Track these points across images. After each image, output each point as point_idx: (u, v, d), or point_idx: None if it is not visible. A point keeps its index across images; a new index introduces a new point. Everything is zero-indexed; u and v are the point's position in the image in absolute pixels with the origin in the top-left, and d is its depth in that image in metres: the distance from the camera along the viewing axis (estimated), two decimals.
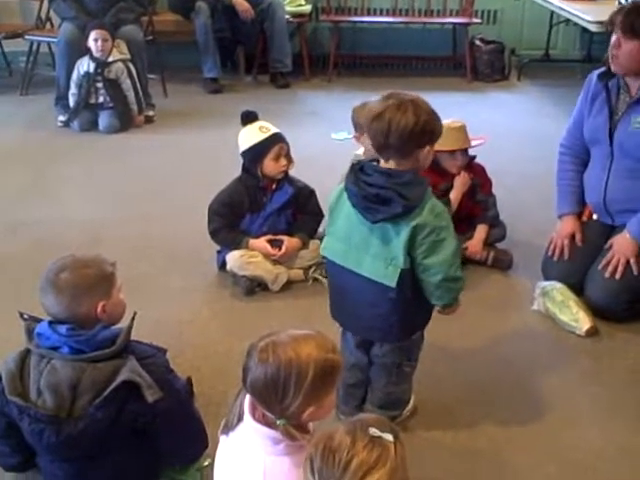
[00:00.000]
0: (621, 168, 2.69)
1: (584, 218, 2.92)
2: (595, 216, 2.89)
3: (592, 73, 2.80)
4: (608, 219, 2.83)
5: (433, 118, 1.91)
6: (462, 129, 3.01)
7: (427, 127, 1.88)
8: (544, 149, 3.11)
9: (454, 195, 3.01)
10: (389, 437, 1.25)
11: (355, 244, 1.97)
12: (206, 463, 1.96)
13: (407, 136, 1.85)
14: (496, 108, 5.23)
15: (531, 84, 5.92)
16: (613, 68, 2.60)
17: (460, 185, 3.03)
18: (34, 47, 5.44)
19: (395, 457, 1.23)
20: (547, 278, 2.87)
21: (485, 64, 5.98)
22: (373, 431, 1.24)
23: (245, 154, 2.95)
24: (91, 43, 4.63)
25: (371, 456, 1.21)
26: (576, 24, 5.30)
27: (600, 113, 2.72)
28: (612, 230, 2.83)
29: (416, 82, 5.75)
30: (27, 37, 5.42)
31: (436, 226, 1.87)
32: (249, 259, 2.89)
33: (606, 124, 2.70)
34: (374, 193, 1.88)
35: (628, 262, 2.65)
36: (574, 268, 2.82)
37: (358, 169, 1.95)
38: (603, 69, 2.69)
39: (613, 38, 2.55)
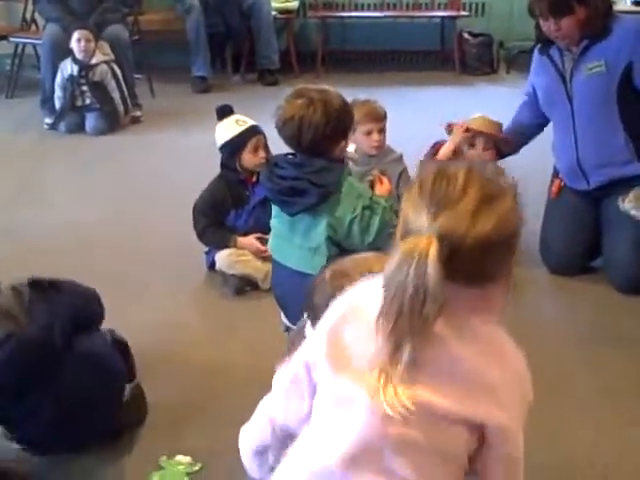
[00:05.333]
0: (585, 121, 2.78)
1: (553, 193, 3.01)
2: (564, 183, 2.97)
3: (534, 53, 2.96)
4: (583, 182, 2.88)
5: (344, 112, 1.91)
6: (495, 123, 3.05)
7: (338, 125, 1.87)
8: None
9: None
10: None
11: (283, 237, 1.99)
12: (196, 468, 1.94)
13: (320, 137, 1.85)
14: (485, 101, 5.17)
15: (520, 76, 5.86)
16: (564, 46, 2.75)
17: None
18: (19, 49, 5.40)
19: (514, 197, 1.10)
20: (546, 263, 2.97)
21: (474, 57, 5.96)
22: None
23: (223, 148, 2.95)
24: (74, 44, 4.59)
25: (490, 187, 1.08)
26: None
27: (551, 77, 2.83)
28: (594, 201, 2.89)
29: (405, 76, 5.73)
30: (12, 39, 5.38)
31: (357, 213, 1.88)
32: (238, 257, 2.86)
33: (559, 85, 2.81)
34: (288, 186, 1.91)
35: None
36: (573, 251, 2.93)
37: (273, 164, 1.96)
38: (539, 45, 2.87)
39: (548, 24, 2.66)
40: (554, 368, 2.39)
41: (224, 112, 2.95)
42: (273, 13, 5.65)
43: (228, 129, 2.92)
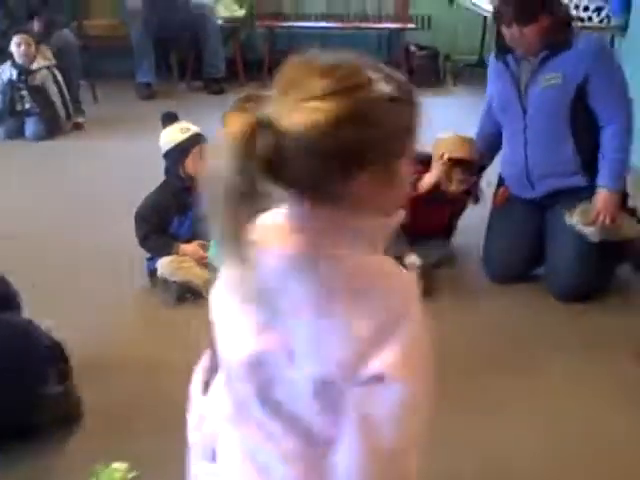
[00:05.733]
0: (537, 131, 2.82)
1: (498, 202, 3.05)
2: (509, 192, 3.01)
3: (490, 59, 3.00)
4: (530, 191, 2.92)
5: None
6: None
7: None
8: None
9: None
10: None
11: None
12: (133, 475, 1.88)
13: None
14: (432, 112, 5.19)
15: (466, 89, 5.95)
16: (524, 55, 2.77)
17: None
18: None
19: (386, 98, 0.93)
20: (488, 271, 3.01)
21: (420, 70, 6.00)
22: None
23: (167, 155, 2.92)
24: (14, 48, 4.49)
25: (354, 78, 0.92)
26: None
27: (506, 85, 2.86)
28: (539, 210, 2.92)
29: None
30: None
31: None
32: (179, 264, 2.82)
33: (514, 93, 2.83)
34: None
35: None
36: (515, 260, 2.96)
37: None
38: (495, 50, 2.91)
39: (512, 32, 2.68)
40: (489, 368, 2.43)
41: (169, 119, 2.94)
42: (220, 21, 5.61)
43: (172, 136, 2.90)
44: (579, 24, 4.13)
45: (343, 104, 0.88)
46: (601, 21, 4.34)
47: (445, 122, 3.20)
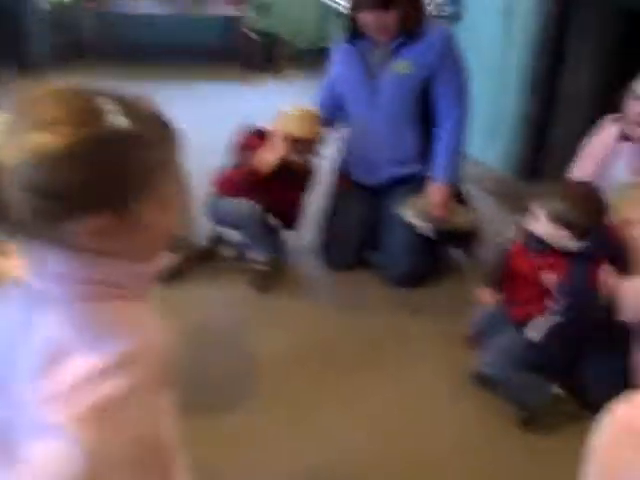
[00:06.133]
0: (386, 117, 2.78)
1: (338, 187, 2.97)
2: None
3: (337, 42, 2.90)
4: (372, 176, 2.89)
5: None
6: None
7: None
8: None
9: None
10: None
11: None
12: None
13: None
14: (269, 97, 5.12)
15: (304, 74, 5.89)
16: (379, 40, 2.72)
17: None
18: None
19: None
20: (326, 258, 2.95)
21: (258, 55, 5.88)
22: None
23: None
24: None
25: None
26: (344, 14, 5.31)
27: (356, 70, 2.80)
28: (378, 197, 2.88)
29: (189, 71, 5.54)
30: None
31: None
32: None
33: (366, 79, 2.78)
34: None
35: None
36: (353, 245, 2.93)
37: None
38: (345, 35, 2.82)
39: (371, 17, 2.63)
40: (325, 355, 2.36)
41: None
42: (46, 5, 5.22)
43: None
44: None
45: (68, 138, 0.77)
46: (435, 9, 4.38)
47: (283, 105, 3.09)
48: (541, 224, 2.04)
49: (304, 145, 2.72)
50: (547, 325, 2.04)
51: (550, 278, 2.01)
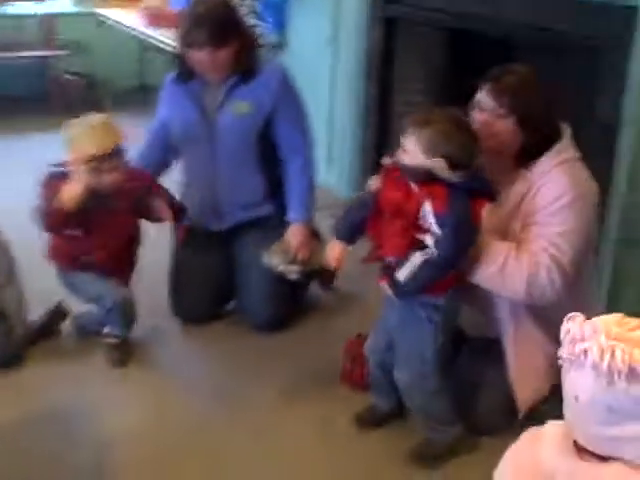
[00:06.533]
0: (227, 160, 2.66)
1: (180, 238, 2.79)
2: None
3: (166, 82, 2.75)
4: (216, 222, 2.75)
5: None
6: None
7: None
8: None
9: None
10: None
11: None
12: None
13: None
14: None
15: (128, 115, 5.63)
16: (213, 79, 2.60)
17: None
18: None
19: None
20: (179, 312, 2.78)
21: (76, 98, 5.57)
22: None
23: None
24: None
25: None
26: (166, 50, 5.13)
27: (190, 111, 2.65)
28: (225, 243, 2.75)
29: (2, 125, 5.15)
30: None
31: None
32: None
33: (201, 121, 2.64)
34: None
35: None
36: (206, 297, 2.76)
37: None
38: (175, 74, 2.69)
39: (201, 55, 2.50)
40: (190, 426, 2.21)
41: None
42: None
43: None
44: None
45: None
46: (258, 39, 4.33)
47: None
48: (414, 156, 1.88)
49: (110, 160, 2.34)
50: (419, 260, 1.89)
51: (428, 207, 1.86)
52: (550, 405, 2.05)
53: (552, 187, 1.95)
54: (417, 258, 1.89)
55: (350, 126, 3.72)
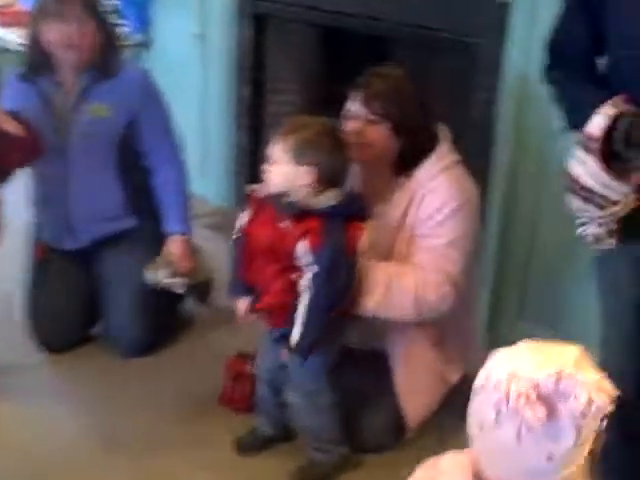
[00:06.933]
0: (82, 170, 2.41)
1: (37, 257, 2.52)
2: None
3: (9, 80, 2.45)
4: (72, 240, 2.48)
5: None
6: None
7: None
8: None
9: None
10: None
11: None
12: None
13: None
14: None
15: None
16: (69, 59, 2.33)
17: None
18: None
19: None
20: (39, 339, 2.48)
21: None
22: None
23: None
24: None
25: None
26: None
27: (38, 113, 2.35)
28: (86, 261, 2.50)
29: None
30: None
31: None
32: None
33: (51, 123, 2.37)
34: None
35: None
36: (68, 321, 2.49)
37: None
38: (22, 69, 2.41)
39: (62, 28, 2.27)
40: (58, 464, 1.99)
41: None
42: None
43: None
44: None
45: None
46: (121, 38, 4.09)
47: None
48: (281, 167, 1.77)
49: None
50: (303, 311, 1.76)
51: (303, 245, 1.74)
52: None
53: (435, 196, 1.87)
54: (301, 310, 1.76)
55: (222, 130, 3.55)
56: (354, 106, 1.90)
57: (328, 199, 1.77)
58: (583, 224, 1.52)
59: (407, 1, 2.62)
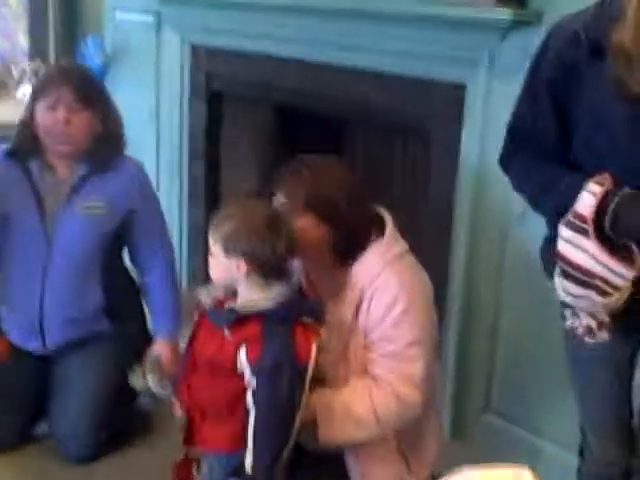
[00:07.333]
0: (63, 267, 2.25)
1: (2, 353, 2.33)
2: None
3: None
4: (38, 342, 2.30)
5: None
6: None
7: None
8: None
9: None
10: None
11: None
12: None
13: None
14: None
15: None
16: (58, 149, 2.21)
17: None
18: None
19: None
20: None
21: None
22: None
23: None
24: None
25: None
26: None
27: (24, 200, 2.22)
28: (43, 363, 2.32)
29: None
30: None
31: None
32: None
33: (35, 214, 2.21)
34: None
35: None
36: (14, 420, 2.31)
37: None
38: (11, 146, 2.26)
39: (54, 115, 2.17)
40: None
41: None
42: None
43: None
44: None
45: None
46: None
47: None
48: (217, 260, 1.66)
49: None
50: (250, 434, 1.61)
51: (242, 356, 1.61)
52: None
53: (384, 294, 1.76)
54: (249, 433, 1.61)
55: (179, 211, 3.45)
56: (279, 196, 1.80)
57: (269, 298, 1.64)
58: (573, 315, 1.44)
59: (362, 81, 2.56)
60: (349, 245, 1.81)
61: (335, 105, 2.71)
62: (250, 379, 1.61)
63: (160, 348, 2.31)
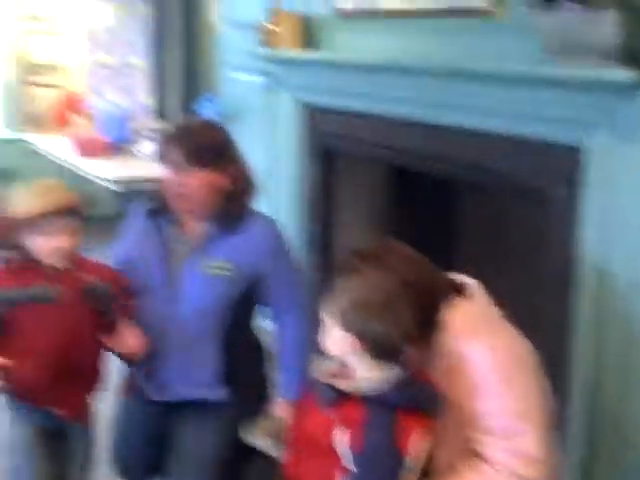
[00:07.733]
0: (185, 327, 2.17)
1: (124, 393, 2.35)
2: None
3: (138, 207, 2.31)
4: (160, 393, 2.26)
5: None
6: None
7: None
8: None
9: None
10: None
11: None
12: None
13: None
14: None
15: None
16: (179, 208, 2.16)
17: None
18: None
19: None
20: (117, 468, 2.37)
21: None
22: None
23: None
24: None
25: None
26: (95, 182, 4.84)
27: (154, 254, 2.19)
28: (162, 411, 2.27)
29: None
30: None
31: None
32: None
33: (162, 269, 2.18)
34: None
35: None
36: (137, 462, 2.35)
37: None
38: (152, 206, 2.24)
39: (168, 175, 2.13)
40: None
41: None
42: None
43: None
44: None
45: None
46: None
47: None
48: (330, 334, 1.54)
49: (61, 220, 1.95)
50: None
51: (342, 439, 1.50)
52: None
53: (475, 364, 1.58)
54: None
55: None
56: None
57: (377, 380, 1.52)
58: None
59: (474, 141, 2.49)
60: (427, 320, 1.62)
61: (447, 166, 2.64)
62: (349, 464, 1.52)
63: (282, 410, 2.21)
